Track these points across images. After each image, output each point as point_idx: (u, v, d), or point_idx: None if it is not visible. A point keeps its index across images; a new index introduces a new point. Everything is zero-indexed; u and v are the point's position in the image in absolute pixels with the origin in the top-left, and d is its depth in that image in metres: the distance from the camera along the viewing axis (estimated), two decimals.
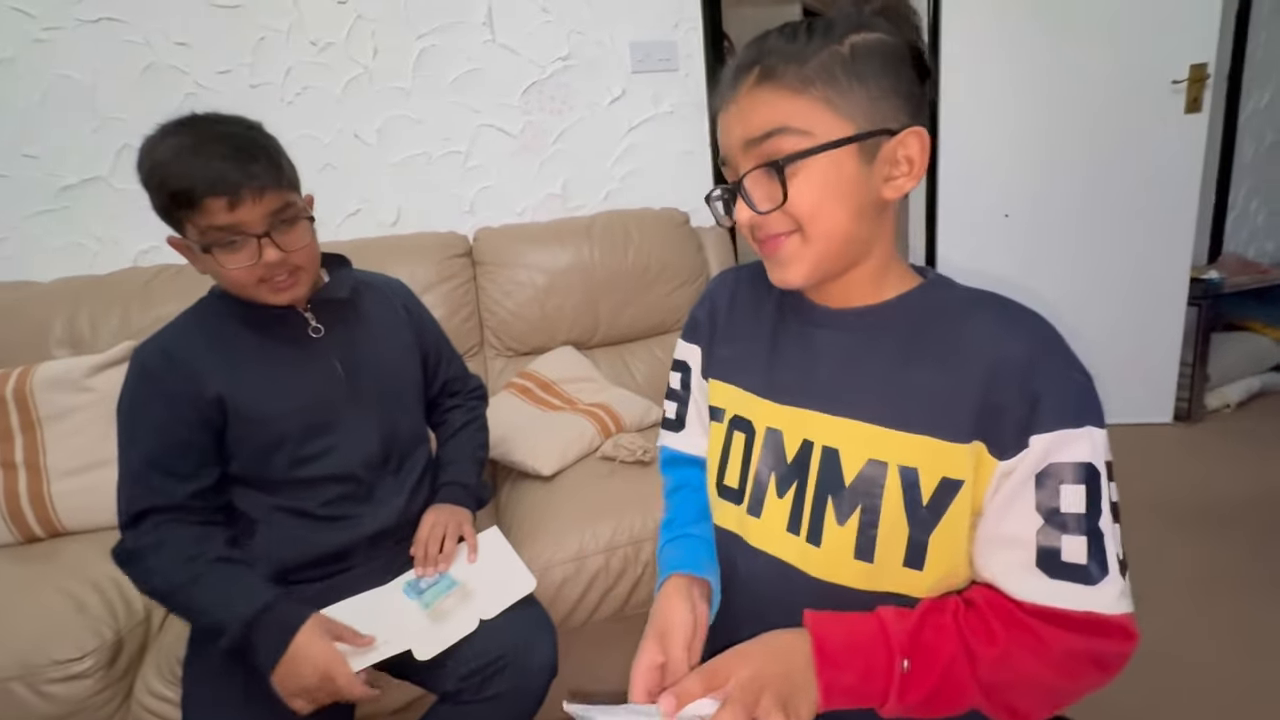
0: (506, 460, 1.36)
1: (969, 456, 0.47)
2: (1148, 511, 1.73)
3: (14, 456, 1.23)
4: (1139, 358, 2.14)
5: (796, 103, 0.48)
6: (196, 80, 1.53)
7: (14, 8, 1.41)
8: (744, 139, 0.50)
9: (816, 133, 0.48)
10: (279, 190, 0.78)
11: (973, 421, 0.47)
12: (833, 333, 0.55)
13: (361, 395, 0.91)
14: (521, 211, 1.81)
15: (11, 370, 1.27)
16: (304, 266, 0.83)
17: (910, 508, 0.49)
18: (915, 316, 0.53)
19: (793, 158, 0.48)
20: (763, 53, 0.49)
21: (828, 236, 0.50)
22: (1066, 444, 0.46)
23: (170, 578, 0.79)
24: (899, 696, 0.46)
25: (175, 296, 1.42)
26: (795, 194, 0.48)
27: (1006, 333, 0.49)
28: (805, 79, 0.48)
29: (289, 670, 0.76)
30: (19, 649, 0.94)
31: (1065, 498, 0.45)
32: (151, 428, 0.81)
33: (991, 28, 1.99)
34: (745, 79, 0.50)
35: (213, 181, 0.73)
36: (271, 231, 0.78)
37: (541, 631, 0.90)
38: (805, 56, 0.48)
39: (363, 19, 1.60)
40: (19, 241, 1.51)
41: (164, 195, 0.76)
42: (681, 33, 1.83)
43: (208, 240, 0.77)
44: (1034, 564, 0.46)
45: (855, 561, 0.51)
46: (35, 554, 1.19)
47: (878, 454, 0.50)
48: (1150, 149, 1.99)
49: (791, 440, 0.55)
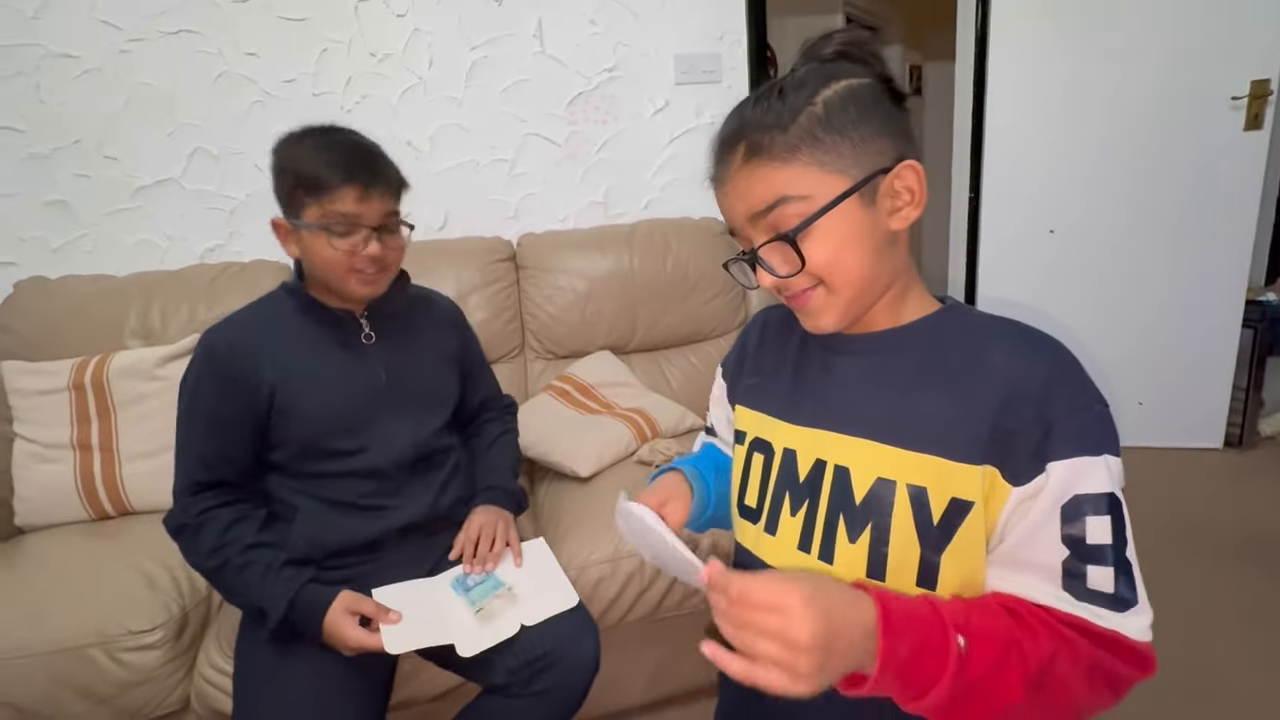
0: (545, 460, 1.40)
1: (979, 479, 0.48)
2: (1193, 539, 1.68)
3: (90, 439, 1.32)
4: (1190, 380, 2.08)
5: (788, 171, 0.50)
6: (264, 89, 1.62)
7: (103, 20, 1.51)
8: (748, 214, 0.52)
9: (815, 195, 0.49)
10: (396, 197, 0.90)
11: (985, 445, 0.48)
12: (851, 357, 0.57)
13: (399, 402, 0.97)
14: (564, 218, 1.86)
15: (90, 358, 1.37)
16: (390, 267, 0.92)
17: (920, 527, 0.49)
18: (931, 339, 0.54)
19: (799, 228, 0.50)
20: (743, 128, 0.51)
21: (851, 283, 0.52)
22: (1086, 473, 0.46)
23: (202, 563, 0.89)
24: (953, 677, 0.42)
25: (238, 292, 1.50)
26: (811, 255, 0.50)
27: (1022, 357, 0.50)
28: (790, 147, 0.49)
29: (330, 638, 0.85)
30: (97, 618, 1.01)
31: (1091, 529, 0.46)
32: (208, 408, 0.89)
33: (1041, 42, 1.97)
34: (733, 156, 0.52)
35: (351, 174, 0.84)
36: (381, 230, 0.87)
37: (585, 629, 0.93)
38: (784, 124, 0.49)
39: (420, 31, 1.67)
40: (98, 238, 1.61)
41: (298, 179, 0.85)
42: (726, 45, 1.85)
43: (328, 221, 0.85)
44: (1060, 586, 0.46)
45: (868, 580, 0.51)
46: (107, 531, 1.27)
47: (886, 472, 0.51)
48: (1206, 166, 1.94)
49: (805, 460, 0.56)
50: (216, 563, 0.86)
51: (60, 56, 1.51)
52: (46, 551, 1.21)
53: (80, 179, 1.57)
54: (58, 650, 0.98)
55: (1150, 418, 2.12)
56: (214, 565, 0.87)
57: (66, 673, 0.98)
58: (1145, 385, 2.11)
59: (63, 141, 1.55)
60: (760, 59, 1.90)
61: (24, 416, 1.34)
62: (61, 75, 1.52)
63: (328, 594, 0.85)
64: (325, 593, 0.86)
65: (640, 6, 1.77)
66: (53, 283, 1.49)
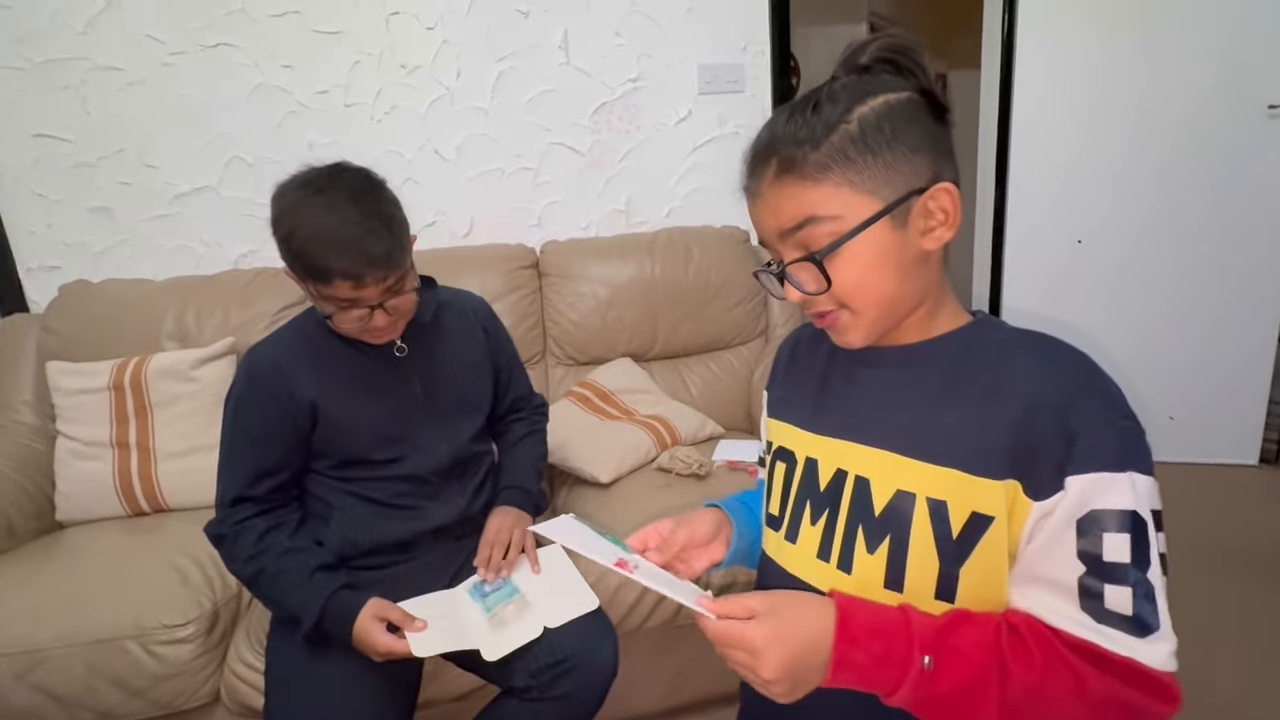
0: (565, 466, 1.42)
1: (1001, 493, 0.47)
2: (1225, 557, 1.63)
3: (129, 438, 1.37)
4: (1224, 395, 2.03)
5: (819, 191, 0.49)
6: (298, 99, 1.67)
7: (147, 35, 1.57)
8: (778, 230, 0.52)
9: (845, 215, 0.49)
10: (399, 270, 0.86)
11: (1007, 459, 0.47)
12: (877, 369, 0.56)
13: (435, 410, 0.99)
14: (586, 226, 1.88)
15: (130, 359, 1.41)
16: (402, 319, 0.92)
17: (939, 540, 0.49)
18: (957, 353, 0.53)
19: (826, 250, 0.49)
20: (775, 142, 0.51)
21: (876, 305, 0.52)
22: (1107, 489, 0.45)
23: (240, 570, 0.91)
24: (913, 688, 0.45)
25: (271, 296, 1.54)
26: (837, 276, 0.50)
27: (1045, 371, 0.49)
28: (821, 166, 0.49)
29: (359, 645, 0.86)
30: (133, 611, 1.04)
31: (1108, 546, 0.44)
32: (249, 425, 0.91)
33: (1069, 49, 1.94)
34: (764, 171, 0.51)
35: (346, 270, 0.82)
36: (385, 302, 0.86)
37: (605, 635, 0.94)
38: (817, 141, 0.49)
39: (449, 44, 1.71)
40: (137, 243, 1.67)
41: (297, 262, 0.84)
42: (749, 55, 1.86)
43: (327, 308, 0.86)
44: (1078, 606, 0.45)
45: (885, 591, 0.51)
46: (142, 527, 1.31)
47: (906, 485, 0.51)
48: (1241, 175, 1.90)
49: (825, 469, 0.57)
50: (253, 570, 0.89)
51: (107, 69, 1.57)
52: (85, 546, 1.25)
53: (122, 186, 1.64)
54: (96, 641, 1.02)
55: (1182, 432, 2.07)
56: (251, 572, 0.90)
57: (103, 664, 1.02)
58: (1177, 399, 2.06)
59: (107, 150, 1.61)
60: (783, 68, 1.91)
61: (66, 415, 1.39)
62: (107, 87, 1.58)
63: (357, 601, 0.87)
64: (355, 599, 0.87)
65: (664, 18, 1.79)
66: (95, 286, 1.55)
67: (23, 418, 1.45)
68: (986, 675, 0.45)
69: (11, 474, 1.33)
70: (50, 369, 1.41)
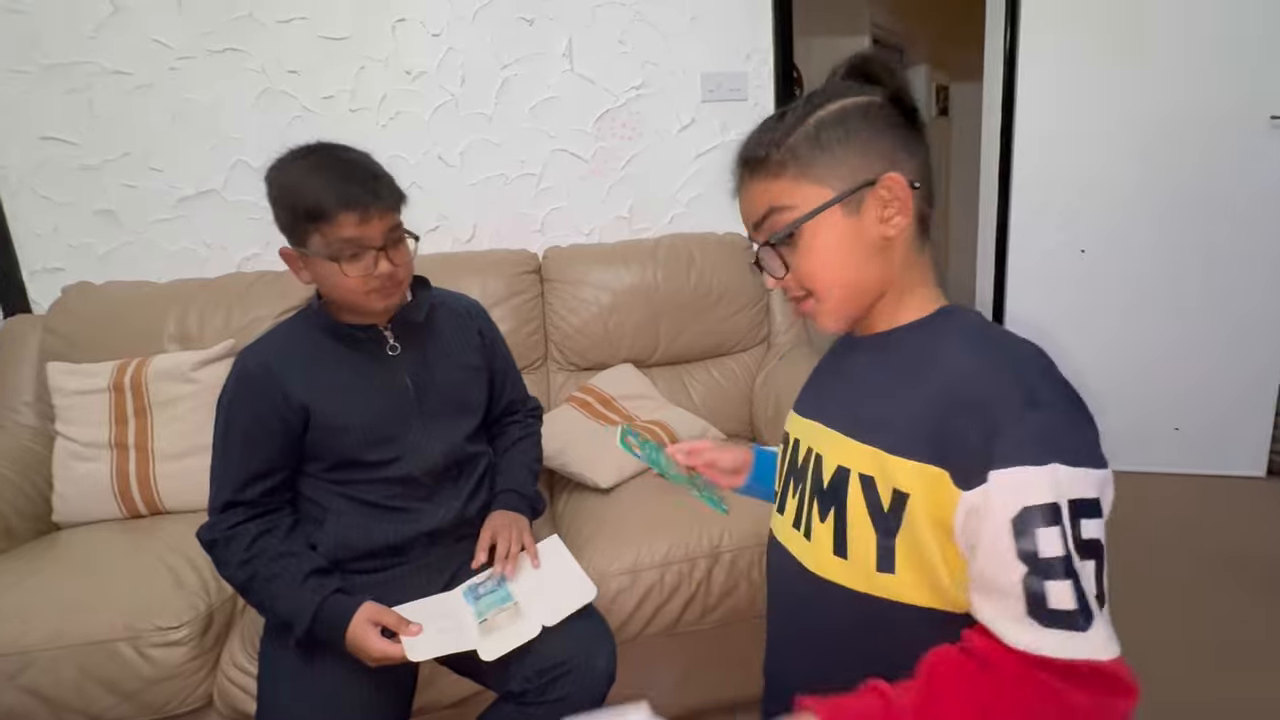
0: (565, 471, 1.41)
1: (916, 474, 0.50)
2: (1233, 570, 1.61)
3: (127, 439, 1.36)
4: (1230, 406, 2.01)
5: (778, 184, 0.56)
6: (303, 104, 1.68)
7: (154, 39, 1.59)
8: (752, 222, 0.60)
9: (800, 204, 0.56)
10: (396, 211, 0.88)
11: (926, 443, 0.50)
12: (855, 355, 0.63)
13: (428, 410, 0.98)
14: (589, 232, 1.88)
15: (130, 360, 1.41)
16: (405, 280, 0.92)
17: (873, 512, 0.53)
18: (913, 341, 0.57)
19: (781, 233, 0.56)
20: (749, 147, 0.59)
21: (837, 287, 0.57)
22: (1031, 483, 0.45)
23: (232, 576, 0.89)
24: None
25: (272, 299, 1.54)
26: (797, 261, 0.57)
27: (975, 359, 0.52)
28: (780, 163, 0.56)
29: (353, 649, 0.85)
30: (126, 613, 1.03)
31: (1044, 543, 0.45)
32: (242, 429, 0.90)
33: (1072, 59, 1.95)
34: (740, 172, 0.60)
35: (348, 199, 0.83)
36: (387, 247, 0.87)
37: (602, 639, 0.92)
38: (778, 144, 0.56)
39: (454, 50, 1.72)
40: (142, 245, 1.68)
41: (296, 211, 0.84)
42: (752, 64, 1.87)
43: (334, 250, 0.85)
44: (1025, 613, 0.45)
45: (835, 558, 0.56)
46: (138, 529, 1.30)
47: (844, 460, 0.56)
48: (1246, 187, 1.90)
49: (803, 448, 0.63)
50: (246, 575, 0.88)
51: (113, 73, 1.58)
52: (80, 547, 1.24)
53: (127, 189, 1.64)
54: (88, 643, 1.01)
55: (1187, 444, 2.05)
56: (244, 578, 0.88)
57: (95, 666, 1.00)
58: (1182, 411, 2.04)
59: (112, 154, 1.62)
60: (786, 78, 1.92)
61: (65, 416, 1.38)
62: (114, 91, 1.59)
63: (351, 605, 0.86)
64: (348, 604, 0.86)
65: (668, 26, 1.81)
66: (97, 287, 1.55)
67: (23, 419, 1.45)
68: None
69: (10, 475, 1.33)
70: (51, 369, 1.41)
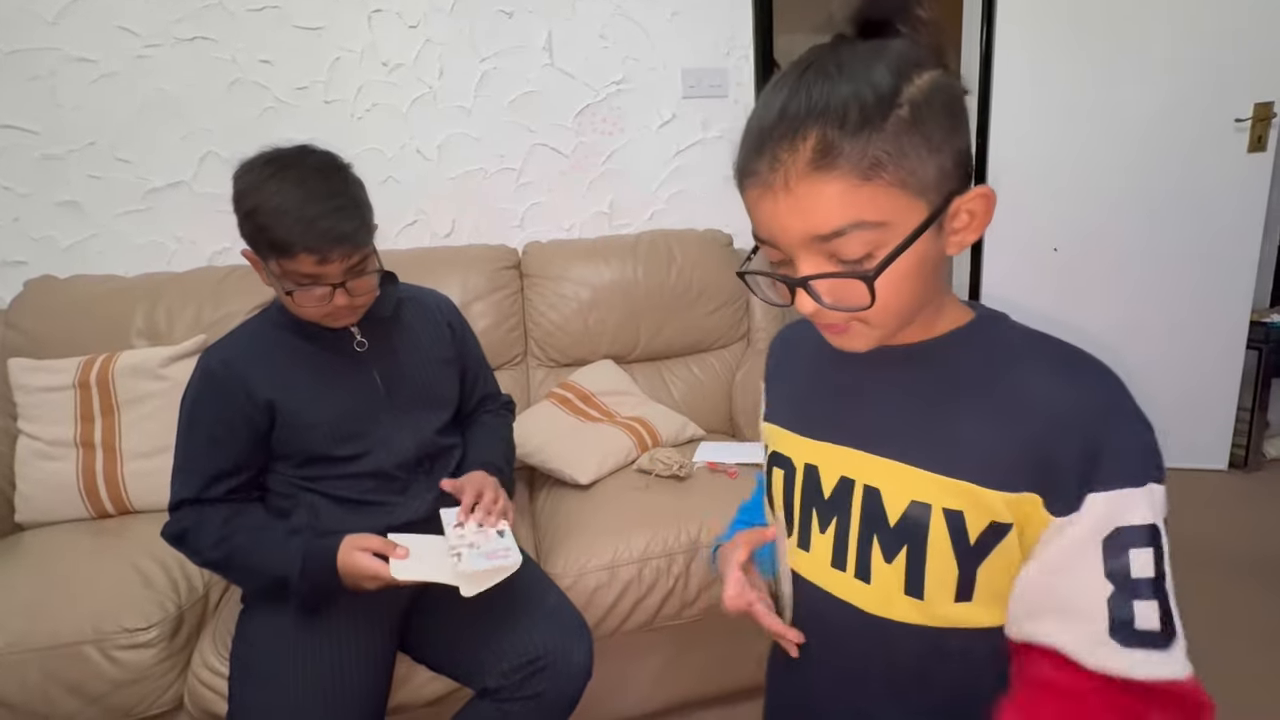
0: (544, 467, 1.40)
1: (1017, 505, 0.45)
2: (1197, 560, 1.66)
3: (94, 437, 1.33)
4: (1195, 402, 2.07)
5: (866, 191, 0.40)
6: (276, 95, 1.64)
7: (121, 27, 1.54)
8: (807, 235, 0.42)
9: (894, 222, 0.42)
10: (363, 248, 0.86)
11: (1024, 473, 0.45)
12: (878, 370, 0.52)
13: (398, 405, 0.97)
14: (569, 228, 1.87)
15: (96, 357, 1.37)
16: (363, 305, 0.91)
17: (957, 548, 0.47)
18: (963, 353, 0.50)
19: (881, 267, 0.42)
20: (809, 118, 0.40)
21: (897, 317, 0.47)
22: (1131, 504, 0.43)
23: (208, 557, 0.88)
24: None
25: (244, 294, 1.51)
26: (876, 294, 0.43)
27: (1067, 383, 0.46)
28: (874, 161, 0.40)
29: (352, 586, 0.86)
30: (92, 615, 1.01)
31: (1136, 563, 0.42)
32: (205, 427, 0.90)
33: (1045, 61, 1.98)
34: (792, 157, 0.41)
35: (311, 243, 0.80)
36: (347, 281, 0.85)
37: (579, 634, 0.93)
38: (867, 128, 0.39)
39: (431, 42, 1.70)
40: (108, 238, 1.63)
41: (260, 237, 0.82)
42: (733, 60, 1.87)
43: (289, 283, 0.84)
44: (1108, 635, 0.42)
45: (906, 598, 0.50)
46: (106, 529, 1.27)
47: (921, 496, 0.48)
48: (1210, 187, 1.95)
49: (828, 476, 0.54)
50: (223, 553, 0.87)
51: (77, 61, 1.54)
52: (45, 548, 1.21)
53: (92, 180, 1.60)
54: (52, 646, 0.98)
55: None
56: (222, 555, 0.87)
57: (60, 669, 0.98)
58: (1149, 406, 2.00)
59: (76, 144, 1.57)
60: (767, 74, 1.92)
61: (28, 414, 1.34)
62: (78, 79, 1.54)
63: (335, 539, 0.87)
64: (333, 539, 0.87)
65: (649, 21, 1.80)
66: (61, 282, 1.51)
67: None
68: None
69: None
70: (12, 365, 1.37)
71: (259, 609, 0.94)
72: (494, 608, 0.93)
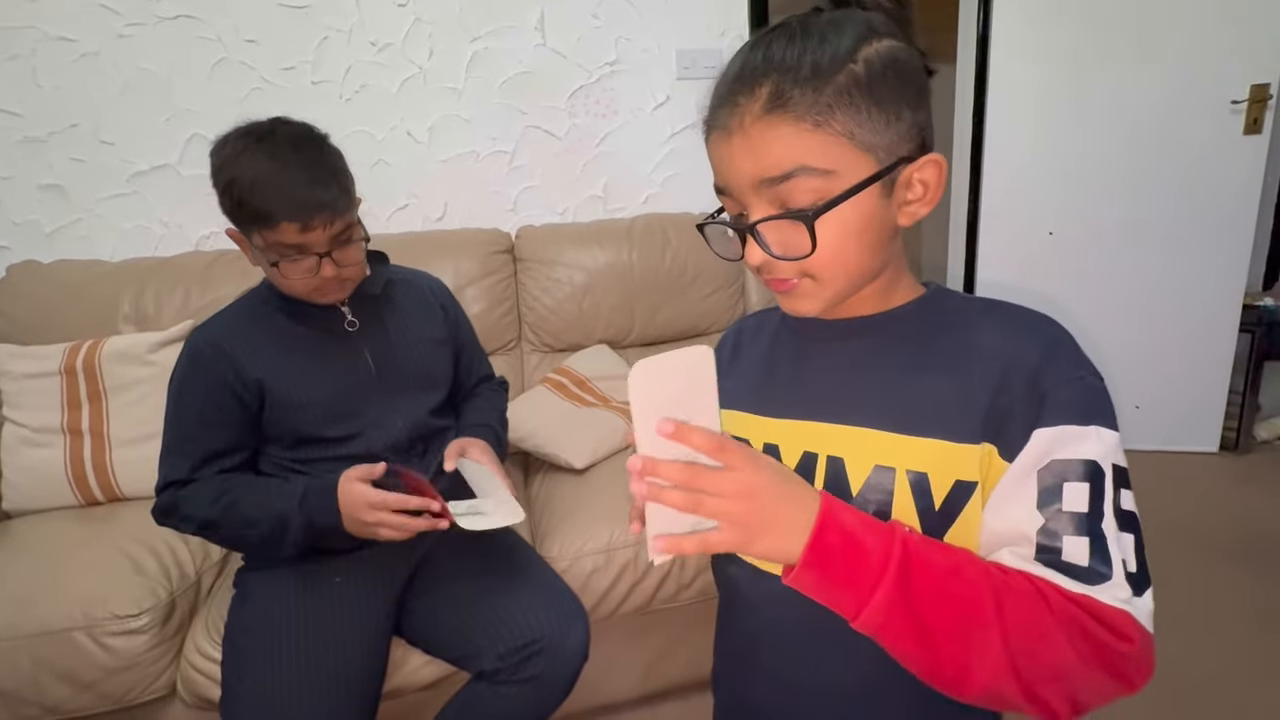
0: (539, 452, 1.39)
1: (979, 457, 0.46)
2: (1190, 541, 1.67)
3: (81, 424, 1.31)
4: (1187, 384, 2.08)
5: (816, 137, 0.43)
6: (263, 75, 1.61)
7: (101, 4, 1.50)
8: (756, 178, 0.45)
9: (840, 172, 0.43)
10: (345, 215, 0.85)
11: (981, 423, 0.46)
12: (832, 343, 0.53)
13: (389, 386, 0.96)
14: (563, 212, 1.85)
15: (83, 343, 1.35)
16: (352, 279, 0.90)
17: (922, 513, 0.47)
18: (920, 322, 0.51)
19: (821, 209, 0.44)
20: (770, 68, 0.43)
21: (845, 276, 0.48)
22: (1070, 440, 0.44)
23: (206, 514, 0.86)
24: (899, 571, 0.40)
25: (233, 279, 1.49)
26: (818, 241, 0.45)
27: (1018, 335, 0.48)
28: (824, 109, 0.42)
29: (350, 517, 0.84)
30: (82, 602, 1.00)
31: (1067, 495, 0.43)
32: (193, 408, 0.89)
33: (1043, 44, 1.97)
34: (749, 103, 0.44)
35: (291, 210, 0.80)
36: (332, 251, 0.84)
37: (575, 617, 0.92)
38: (820, 79, 0.42)
39: (421, 21, 1.66)
40: (92, 223, 1.60)
41: (241, 209, 0.82)
42: (727, 41, 1.85)
43: (274, 254, 0.83)
44: (1033, 558, 0.44)
45: None
46: (95, 516, 1.26)
47: (884, 459, 0.48)
48: (1206, 170, 1.94)
49: (790, 453, 0.53)
50: (221, 508, 0.85)
51: (57, 40, 1.50)
52: (33, 536, 1.19)
53: (76, 163, 1.56)
54: (42, 634, 0.97)
55: (1147, 421, 2.12)
56: (220, 510, 0.85)
57: (50, 657, 0.97)
58: (1143, 388, 2.10)
59: (58, 125, 1.54)
60: None
61: (13, 401, 1.32)
62: (59, 59, 1.51)
63: (334, 477, 0.85)
64: (331, 477, 0.86)
65: (642, 1, 1.77)
66: (45, 267, 1.48)
67: None
68: (971, 563, 0.42)
69: None
70: None
71: (252, 594, 0.94)
72: (490, 591, 0.93)
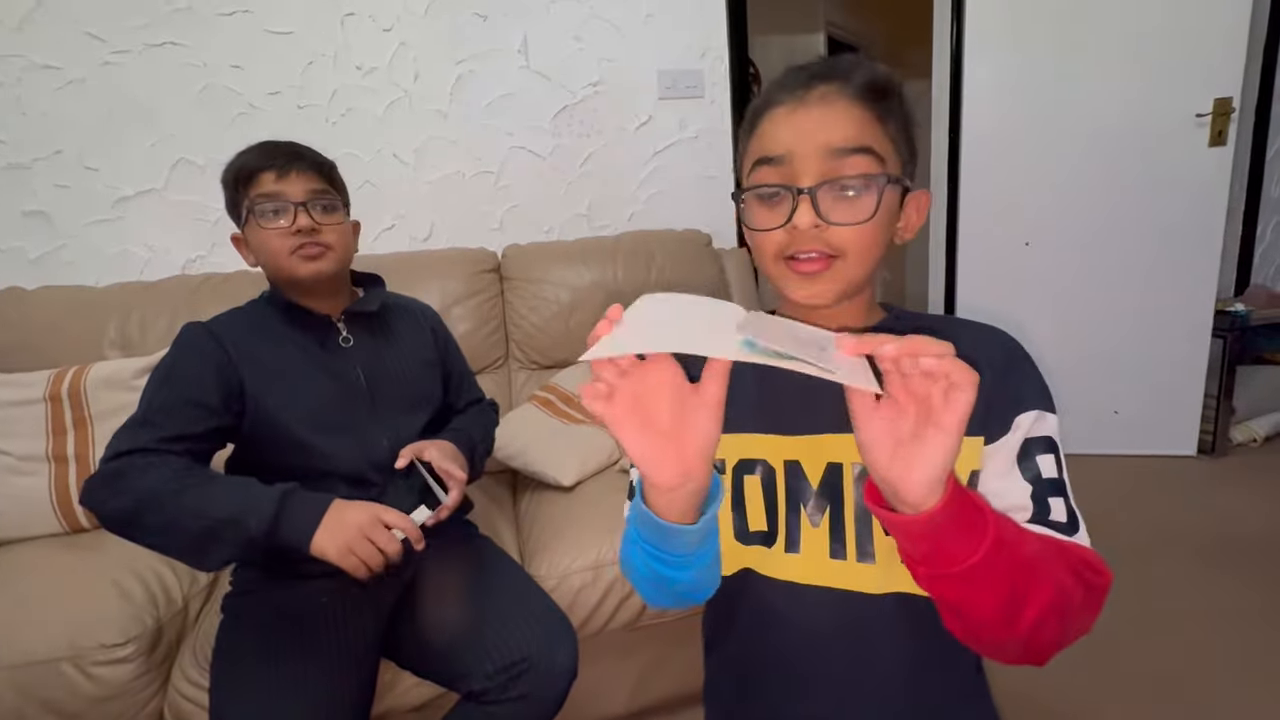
0: (527, 470, 1.40)
1: (978, 447, 0.53)
2: (1168, 543, 1.70)
3: (66, 451, 1.30)
4: (1164, 389, 2.13)
5: (881, 129, 0.51)
6: (249, 101, 1.63)
7: (88, 32, 1.52)
8: (828, 145, 0.50)
9: (888, 161, 0.51)
10: (320, 176, 0.93)
11: (978, 418, 0.51)
12: None
13: (378, 404, 0.98)
14: (549, 230, 1.87)
15: (67, 369, 1.35)
16: (333, 246, 0.94)
17: None
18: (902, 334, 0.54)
19: (895, 179, 0.51)
20: (850, 70, 0.52)
21: (866, 263, 0.53)
22: (1037, 422, 0.53)
23: (157, 485, 0.77)
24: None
25: (220, 303, 1.46)
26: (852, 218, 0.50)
27: (982, 342, 0.56)
28: (887, 110, 0.52)
29: (335, 522, 0.79)
30: (68, 631, 0.99)
31: (1042, 466, 0.52)
32: (179, 389, 0.87)
33: (1014, 58, 2.02)
34: (838, 86, 0.51)
35: (269, 158, 0.91)
36: (309, 204, 0.91)
37: (564, 635, 0.93)
38: (890, 90, 0.52)
39: (405, 45, 1.69)
40: (78, 249, 1.60)
41: (233, 182, 0.92)
42: (708, 61, 1.89)
43: (255, 206, 0.90)
44: (1028, 521, 0.51)
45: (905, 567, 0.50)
46: (81, 543, 1.25)
47: None
48: (1174, 181, 2.00)
49: (813, 466, 0.55)
50: (177, 486, 0.77)
51: (42, 68, 1.51)
52: (17, 564, 1.18)
53: (60, 189, 1.57)
54: (27, 664, 0.96)
55: (1125, 426, 2.16)
56: (175, 487, 0.77)
57: (35, 687, 0.96)
58: (1120, 394, 2.15)
59: (43, 152, 1.54)
60: (743, 74, 1.94)
61: None
62: (44, 86, 1.52)
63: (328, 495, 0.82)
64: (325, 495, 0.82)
65: (624, 23, 1.81)
66: (30, 293, 1.48)
67: None
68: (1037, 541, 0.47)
69: None
70: None
71: (240, 619, 0.94)
72: (478, 610, 0.93)
